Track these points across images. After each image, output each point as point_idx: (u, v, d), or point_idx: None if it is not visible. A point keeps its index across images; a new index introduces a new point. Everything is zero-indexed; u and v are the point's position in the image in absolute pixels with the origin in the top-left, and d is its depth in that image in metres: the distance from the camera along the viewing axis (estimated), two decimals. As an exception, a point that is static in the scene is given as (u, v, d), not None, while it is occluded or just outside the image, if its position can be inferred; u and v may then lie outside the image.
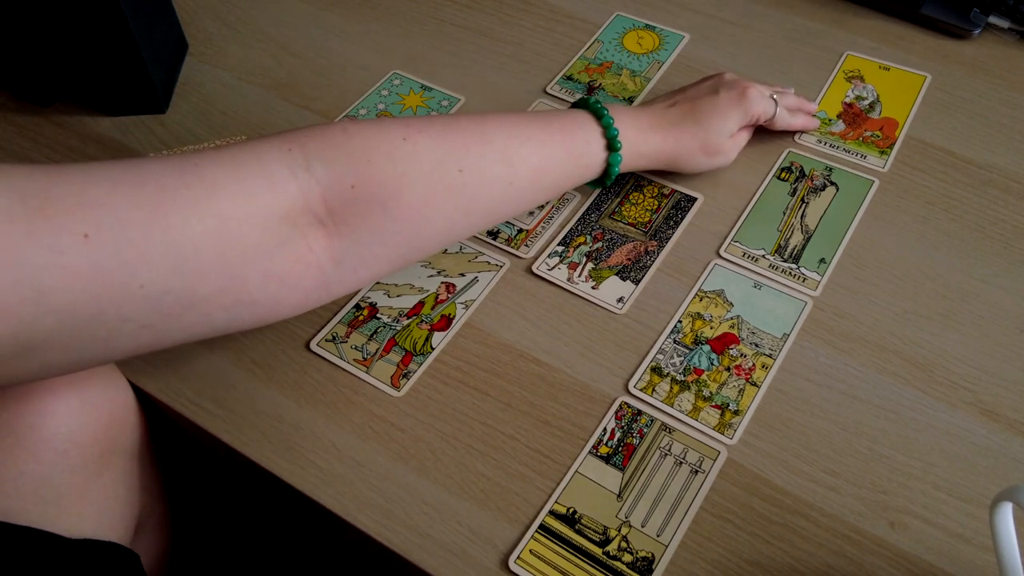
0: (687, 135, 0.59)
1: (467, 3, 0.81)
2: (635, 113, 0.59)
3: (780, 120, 0.65)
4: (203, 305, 0.41)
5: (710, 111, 0.60)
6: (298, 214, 0.44)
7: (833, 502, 0.49)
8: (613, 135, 0.56)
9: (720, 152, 0.61)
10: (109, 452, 0.52)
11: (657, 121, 0.59)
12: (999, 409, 0.52)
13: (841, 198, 0.63)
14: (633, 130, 0.58)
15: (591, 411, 0.53)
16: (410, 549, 0.48)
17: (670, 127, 0.59)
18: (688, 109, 0.60)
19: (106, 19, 0.63)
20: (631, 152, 0.57)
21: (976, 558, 0.47)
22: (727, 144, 0.62)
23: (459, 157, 0.49)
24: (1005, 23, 0.75)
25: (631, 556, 0.47)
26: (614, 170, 0.57)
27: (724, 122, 0.60)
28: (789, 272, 0.59)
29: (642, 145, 0.58)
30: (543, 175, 0.54)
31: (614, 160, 0.56)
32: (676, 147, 0.60)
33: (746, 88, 0.62)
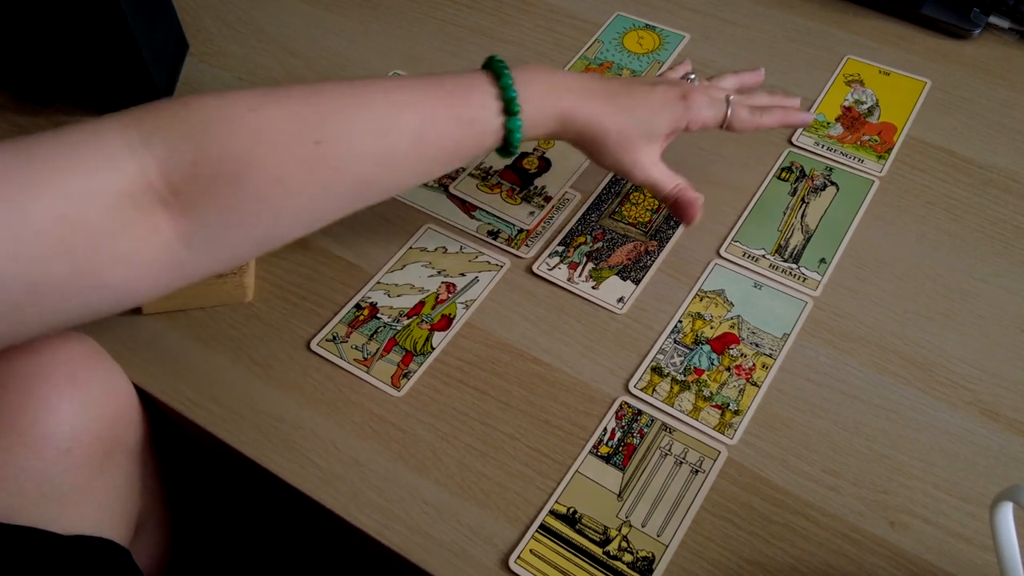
0: (604, 112, 0.52)
1: (467, 3, 0.81)
2: (553, 74, 0.53)
3: (737, 121, 0.57)
4: (52, 293, 0.39)
5: (639, 99, 0.54)
6: (140, 193, 0.41)
7: (833, 502, 0.49)
8: (511, 97, 0.49)
9: (633, 149, 0.54)
10: (111, 450, 0.52)
11: (575, 85, 0.53)
12: (999, 409, 0.52)
13: (841, 198, 0.63)
14: (541, 91, 0.51)
15: (591, 411, 0.53)
16: (410, 549, 0.48)
17: (588, 95, 0.52)
18: (617, 88, 0.54)
19: (106, 19, 0.63)
20: (535, 116, 0.51)
21: (976, 558, 0.47)
22: (644, 145, 0.54)
23: (316, 127, 0.44)
24: (1005, 23, 0.76)
25: (631, 556, 0.47)
26: (515, 136, 0.50)
27: (650, 116, 0.53)
28: (789, 272, 0.59)
29: (549, 109, 0.51)
30: (426, 145, 0.48)
31: (513, 125, 0.50)
32: (589, 119, 0.52)
33: (690, 91, 0.55)
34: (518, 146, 0.51)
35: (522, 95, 0.50)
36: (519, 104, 0.50)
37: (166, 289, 0.45)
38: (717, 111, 0.56)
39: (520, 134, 0.50)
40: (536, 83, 0.51)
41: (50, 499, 0.48)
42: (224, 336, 0.57)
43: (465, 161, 0.51)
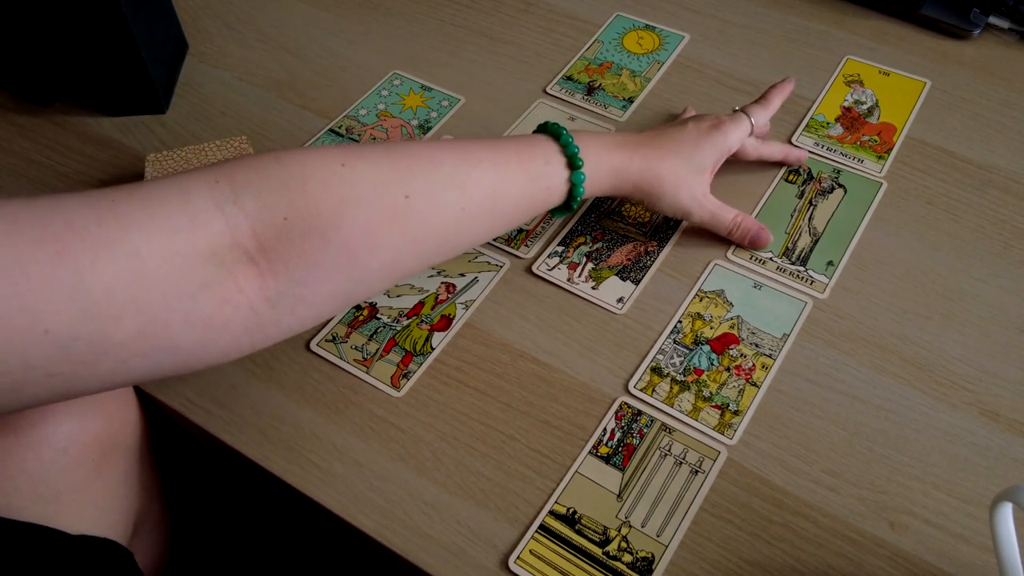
0: (654, 158, 0.56)
1: (467, 3, 0.81)
2: (598, 134, 0.56)
3: (758, 119, 0.61)
4: (118, 351, 0.37)
5: (678, 140, 0.57)
6: (225, 251, 0.40)
7: (833, 502, 0.49)
8: (573, 152, 0.52)
9: (688, 187, 0.57)
10: (109, 450, 0.52)
11: (622, 141, 0.56)
12: (999, 409, 0.52)
13: (849, 200, 0.63)
14: (596, 148, 0.54)
15: (591, 411, 0.53)
16: (410, 549, 0.48)
17: (636, 147, 0.56)
18: (655, 134, 0.57)
19: (106, 19, 0.63)
20: (595, 170, 0.54)
21: (976, 558, 0.47)
22: (696, 179, 0.57)
23: (405, 181, 0.46)
24: (1005, 23, 0.76)
25: (631, 556, 0.47)
26: (579, 190, 0.53)
27: (694, 151, 0.57)
28: (797, 275, 0.59)
29: (606, 163, 0.54)
30: (499, 199, 0.50)
31: (577, 179, 0.53)
32: (643, 169, 0.55)
33: (716, 119, 0.59)
34: (579, 200, 0.54)
35: (581, 151, 0.53)
36: (581, 159, 0.53)
37: (244, 352, 0.43)
38: (743, 126, 0.60)
39: (583, 188, 0.53)
40: (591, 142, 0.54)
41: (47, 500, 0.47)
42: (224, 336, 0.57)
43: (531, 216, 0.53)
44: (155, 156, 0.63)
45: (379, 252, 0.45)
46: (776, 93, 0.64)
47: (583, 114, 0.70)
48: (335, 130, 0.70)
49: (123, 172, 0.67)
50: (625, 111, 0.70)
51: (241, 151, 0.63)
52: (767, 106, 0.62)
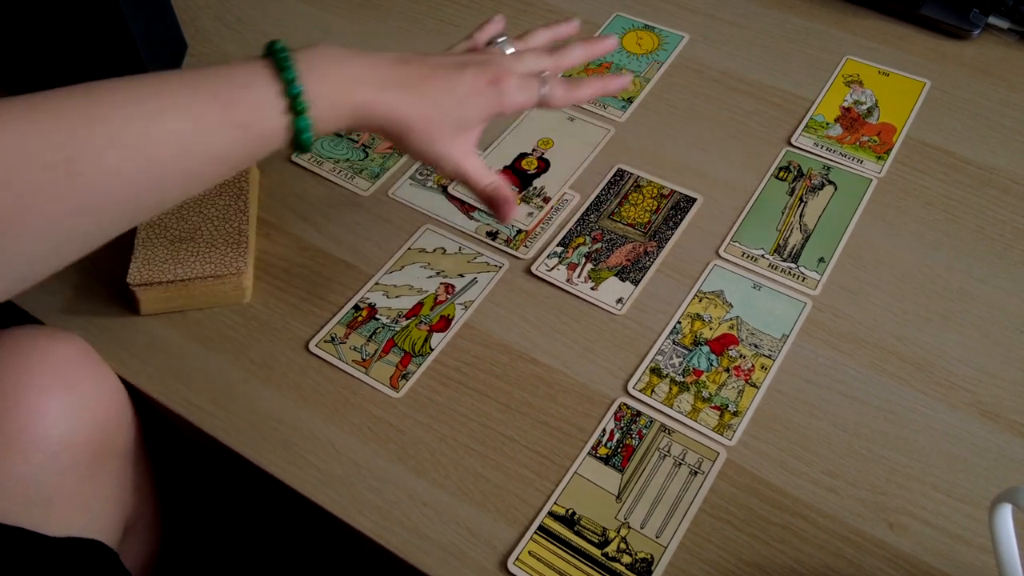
0: (407, 103, 0.47)
1: (466, 3, 0.81)
2: (344, 61, 0.46)
3: (554, 100, 0.53)
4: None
5: (444, 87, 0.49)
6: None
7: (832, 503, 0.49)
8: (295, 93, 0.43)
9: (442, 141, 0.49)
10: (101, 454, 0.52)
11: (370, 75, 0.47)
12: (998, 410, 0.52)
13: (840, 197, 0.63)
14: (333, 84, 0.45)
15: (590, 412, 0.53)
16: (409, 550, 0.48)
17: (385, 86, 0.47)
18: (420, 75, 0.48)
19: (105, 19, 0.63)
20: (326, 113, 0.45)
21: (975, 559, 0.47)
22: (454, 135, 0.50)
23: (62, 145, 0.38)
24: (1004, 23, 0.75)
25: (630, 557, 0.47)
26: (304, 136, 0.44)
27: (457, 105, 0.49)
28: (788, 271, 0.59)
29: (341, 103, 0.46)
30: (192, 157, 0.41)
31: (301, 124, 0.44)
32: (390, 112, 0.47)
33: (501, 76, 0.50)
34: (310, 146, 0.45)
35: (310, 90, 0.44)
36: (305, 101, 0.44)
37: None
38: (531, 92, 0.51)
39: (310, 134, 0.45)
40: (326, 75, 0.45)
41: (37, 504, 0.47)
42: (222, 337, 0.57)
43: (248, 164, 0.45)
44: None
45: (37, 232, 0.38)
46: (594, 86, 0.56)
47: (582, 114, 0.70)
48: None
49: (122, 172, 0.67)
50: (624, 111, 0.70)
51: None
52: (572, 94, 0.54)
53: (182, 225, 0.59)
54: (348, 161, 0.67)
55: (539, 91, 0.52)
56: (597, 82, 0.55)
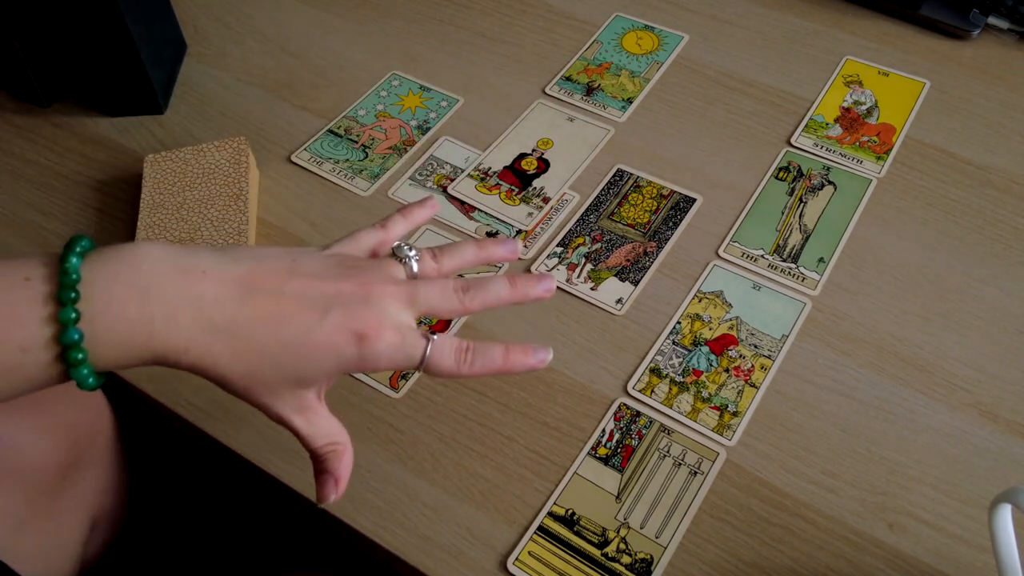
0: (224, 356, 0.36)
1: (466, 3, 0.81)
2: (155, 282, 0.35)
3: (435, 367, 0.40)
4: None
5: (289, 338, 0.37)
6: None
7: (832, 503, 0.49)
8: (71, 341, 0.33)
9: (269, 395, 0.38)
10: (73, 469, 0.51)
11: (189, 312, 0.36)
12: (998, 410, 0.52)
13: (839, 197, 0.63)
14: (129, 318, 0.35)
15: (590, 412, 0.53)
16: (408, 551, 0.48)
17: (204, 331, 0.36)
18: (261, 316, 0.37)
19: (104, 20, 0.63)
20: (113, 355, 0.35)
21: (975, 560, 0.47)
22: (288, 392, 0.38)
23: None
24: (1004, 24, 0.75)
25: (630, 558, 0.47)
26: (87, 383, 0.35)
27: (300, 364, 0.37)
28: (788, 271, 0.59)
29: (134, 346, 0.35)
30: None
31: (78, 376, 0.34)
32: (197, 364, 0.36)
33: (374, 332, 0.38)
34: (91, 387, 0.35)
35: (98, 326, 0.34)
36: (85, 348, 0.34)
37: None
38: (406, 358, 0.39)
39: (91, 380, 0.35)
40: (125, 307, 0.35)
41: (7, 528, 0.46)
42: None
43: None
44: (154, 157, 0.63)
45: None
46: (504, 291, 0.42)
47: (582, 114, 0.70)
48: (334, 131, 0.70)
49: (121, 173, 0.67)
50: (624, 112, 0.70)
51: (239, 152, 0.63)
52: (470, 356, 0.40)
53: (182, 225, 0.59)
54: (348, 161, 0.67)
55: (420, 358, 0.39)
56: (498, 358, 0.41)
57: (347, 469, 0.40)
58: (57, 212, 0.65)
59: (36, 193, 0.66)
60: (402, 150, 0.68)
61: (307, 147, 0.69)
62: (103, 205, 0.65)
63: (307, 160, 0.68)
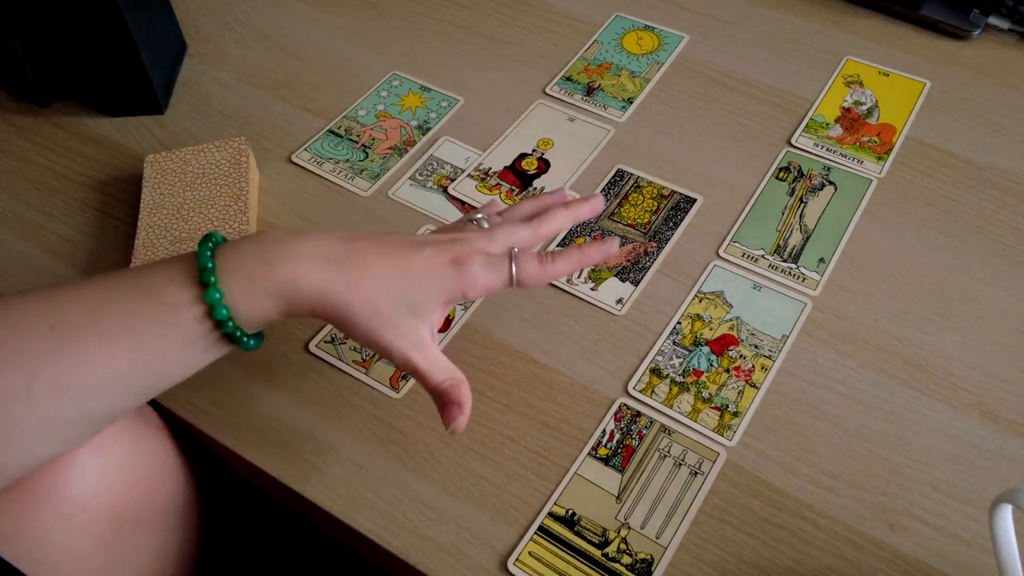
0: (341, 282, 0.42)
1: (466, 3, 0.81)
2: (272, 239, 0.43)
3: (526, 278, 0.47)
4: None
5: (394, 265, 0.43)
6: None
7: (832, 504, 0.49)
8: (208, 280, 0.40)
9: (391, 327, 0.43)
10: (124, 523, 0.48)
11: (306, 250, 0.42)
12: (999, 411, 0.52)
13: (840, 197, 0.63)
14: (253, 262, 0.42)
15: (590, 412, 0.53)
16: (408, 551, 0.48)
17: (318, 262, 0.42)
18: (368, 250, 0.43)
19: (105, 20, 0.63)
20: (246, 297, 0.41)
21: (975, 560, 0.47)
22: (408, 322, 0.43)
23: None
24: (1005, 24, 0.75)
25: (630, 558, 0.47)
26: (221, 314, 0.40)
27: (409, 287, 0.43)
28: (788, 272, 0.59)
29: (265, 282, 0.41)
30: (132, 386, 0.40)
31: (211, 299, 0.40)
32: (319, 293, 0.42)
33: (464, 255, 0.45)
34: (232, 327, 0.41)
35: (228, 270, 0.41)
36: (220, 287, 0.40)
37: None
38: (498, 273, 0.45)
39: (226, 311, 0.40)
40: (248, 254, 0.42)
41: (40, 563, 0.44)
42: (222, 337, 0.57)
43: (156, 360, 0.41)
44: (154, 157, 0.63)
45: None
46: (570, 259, 0.49)
47: (582, 115, 0.70)
48: (334, 131, 0.70)
49: (122, 173, 0.67)
50: (624, 112, 0.70)
51: (240, 152, 0.63)
52: (546, 270, 0.48)
53: (182, 225, 0.59)
54: (348, 161, 0.67)
55: (509, 271, 0.46)
56: (575, 254, 0.49)
57: (468, 397, 0.45)
58: (57, 212, 0.65)
59: (36, 193, 0.66)
60: (402, 150, 0.68)
61: (307, 147, 0.69)
62: (103, 205, 0.65)
63: (307, 160, 0.68)
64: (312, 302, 0.42)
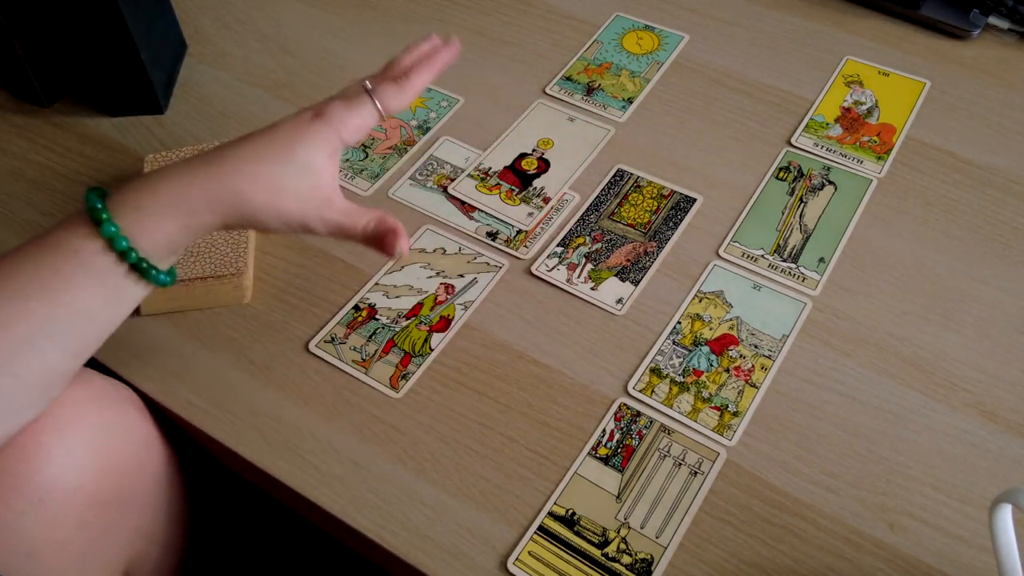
0: (226, 173, 0.43)
1: (466, 3, 0.81)
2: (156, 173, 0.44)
3: (391, 101, 0.48)
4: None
5: (266, 140, 0.45)
6: None
7: (832, 504, 0.49)
8: (94, 205, 0.41)
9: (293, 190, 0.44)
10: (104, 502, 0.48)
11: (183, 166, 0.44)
12: (998, 410, 0.52)
13: (840, 197, 0.63)
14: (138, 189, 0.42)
15: (590, 412, 0.53)
16: (408, 551, 0.48)
17: (202, 166, 0.43)
18: (238, 142, 0.45)
19: (105, 20, 0.63)
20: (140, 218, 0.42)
21: (975, 560, 0.47)
22: (303, 181, 0.44)
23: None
24: (1004, 24, 0.75)
25: (630, 558, 0.47)
26: (121, 245, 0.41)
27: (290, 148, 0.45)
28: (788, 271, 0.59)
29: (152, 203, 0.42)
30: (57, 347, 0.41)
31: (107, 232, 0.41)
32: (212, 188, 0.42)
33: (322, 106, 0.47)
34: (136, 258, 0.42)
35: (117, 204, 0.42)
36: (114, 221, 0.41)
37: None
38: (362, 109, 0.47)
39: (125, 242, 0.41)
40: (132, 186, 0.43)
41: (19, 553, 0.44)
42: (223, 337, 0.57)
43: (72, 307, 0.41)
44: (154, 157, 0.63)
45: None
46: (421, 69, 0.50)
47: (582, 115, 0.70)
48: (334, 131, 0.70)
49: (122, 173, 0.67)
50: (624, 111, 0.70)
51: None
52: (404, 87, 0.49)
53: (182, 225, 0.59)
54: (348, 161, 0.67)
55: (372, 103, 0.47)
56: (425, 65, 0.50)
57: (397, 223, 0.46)
58: (57, 212, 0.65)
59: (36, 193, 0.66)
60: (402, 150, 0.68)
61: (307, 147, 0.68)
62: (103, 205, 0.65)
63: (307, 160, 0.67)
64: (206, 205, 0.42)
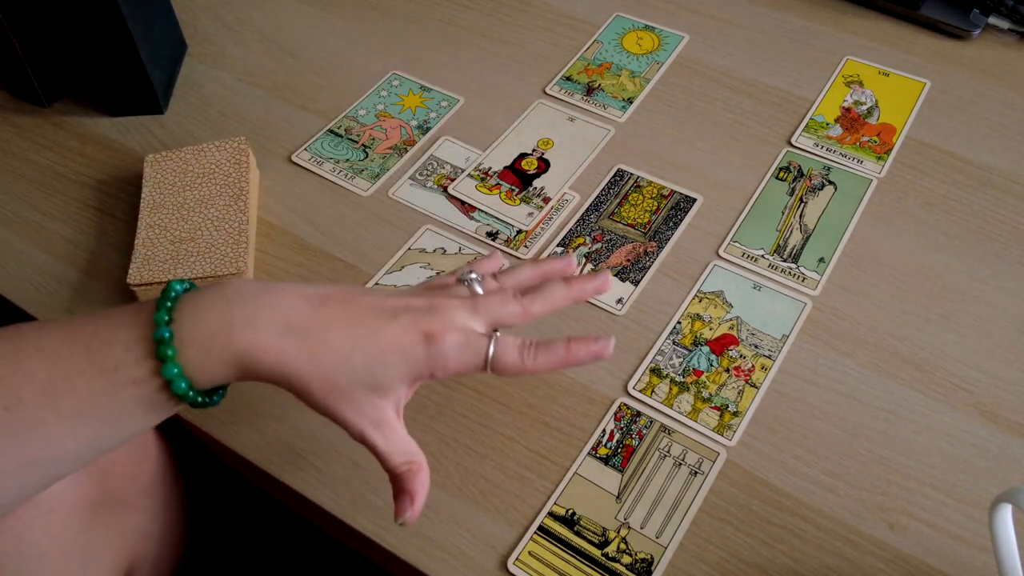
0: (301, 356, 0.39)
1: (466, 3, 0.81)
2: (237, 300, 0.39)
3: (501, 366, 0.43)
4: None
5: (360, 338, 0.40)
6: None
7: (832, 504, 0.49)
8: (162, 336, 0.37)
9: (349, 403, 0.40)
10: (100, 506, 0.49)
11: (268, 317, 0.39)
12: (999, 411, 0.52)
13: (840, 197, 0.63)
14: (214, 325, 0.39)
15: (590, 412, 0.53)
16: (408, 551, 0.48)
17: (280, 333, 0.39)
18: (334, 318, 0.40)
19: (105, 20, 0.63)
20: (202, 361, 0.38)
21: (975, 560, 0.47)
22: (367, 399, 0.40)
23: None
24: (1005, 24, 0.75)
25: (630, 558, 0.47)
26: (179, 387, 0.38)
27: (372, 364, 0.40)
28: (788, 271, 0.59)
29: (220, 350, 0.38)
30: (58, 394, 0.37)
31: (168, 373, 0.37)
32: (275, 366, 0.39)
33: (440, 331, 0.41)
34: (188, 397, 0.38)
35: (185, 342, 0.38)
36: (177, 361, 0.38)
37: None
38: (474, 356, 0.42)
39: (184, 385, 0.38)
40: (207, 316, 0.39)
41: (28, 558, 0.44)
42: (222, 337, 0.57)
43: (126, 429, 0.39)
44: (154, 157, 0.63)
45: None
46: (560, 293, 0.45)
47: (582, 115, 0.70)
48: (334, 131, 0.70)
49: (122, 173, 0.67)
50: (624, 111, 0.70)
51: (240, 152, 0.63)
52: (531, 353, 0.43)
53: (182, 225, 0.59)
54: (348, 161, 0.67)
55: (485, 355, 0.42)
56: (560, 352, 0.44)
57: (423, 488, 0.42)
58: (57, 212, 0.65)
59: (36, 193, 0.66)
60: (402, 150, 0.68)
61: (307, 147, 0.69)
62: (103, 205, 0.65)
63: (307, 160, 0.68)
64: (269, 374, 0.40)
